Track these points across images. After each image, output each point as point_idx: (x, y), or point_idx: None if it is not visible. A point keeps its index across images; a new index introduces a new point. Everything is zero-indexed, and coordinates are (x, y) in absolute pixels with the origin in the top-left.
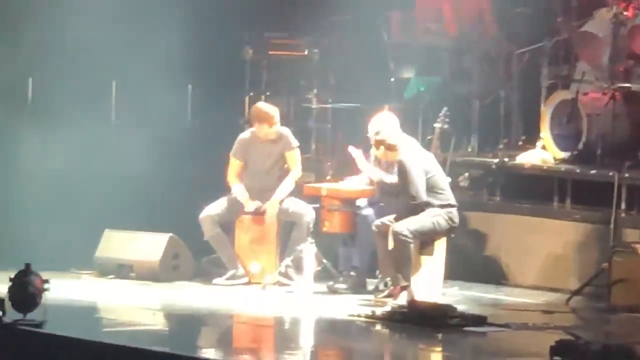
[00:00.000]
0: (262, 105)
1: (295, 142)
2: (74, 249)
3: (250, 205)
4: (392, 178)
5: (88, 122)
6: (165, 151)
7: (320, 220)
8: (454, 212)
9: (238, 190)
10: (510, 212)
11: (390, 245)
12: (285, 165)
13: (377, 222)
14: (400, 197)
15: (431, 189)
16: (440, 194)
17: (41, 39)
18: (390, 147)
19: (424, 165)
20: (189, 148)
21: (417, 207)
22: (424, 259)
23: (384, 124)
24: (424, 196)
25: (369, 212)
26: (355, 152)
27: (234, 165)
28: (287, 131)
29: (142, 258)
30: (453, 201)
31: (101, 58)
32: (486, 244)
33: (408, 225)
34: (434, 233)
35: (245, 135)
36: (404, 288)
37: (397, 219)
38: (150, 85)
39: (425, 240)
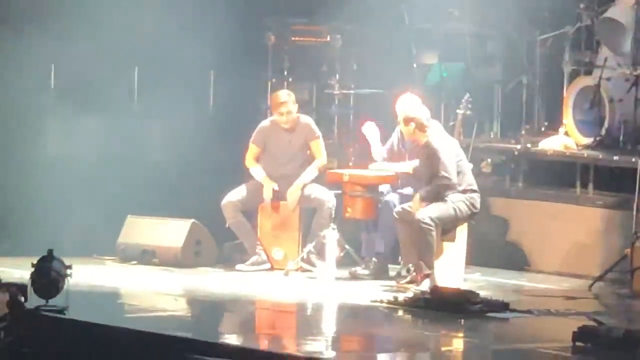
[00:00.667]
0: (279, 92)
1: (318, 132)
2: (97, 235)
3: (268, 190)
4: (407, 166)
5: (110, 108)
6: (188, 137)
7: (342, 206)
8: (476, 197)
9: (256, 171)
10: (533, 198)
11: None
12: (308, 153)
13: (399, 208)
14: (427, 180)
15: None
16: (464, 178)
17: (65, 26)
18: (421, 127)
19: (450, 148)
20: (211, 134)
21: (445, 189)
22: (446, 245)
23: (415, 103)
24: (454, 177)
25: (391, 198)
26: (370, 129)
27: (253, 150)
28: (309, 120)
29: (164, 244)
30: (475, 187)
31: (124, 44)
32: (508, 230)
33: (430, 213)
34: (455, 219)
35: (265, 123)
36: (426, 275)
37: (421, 202)
38: (172, 71)
39: (447, 226)
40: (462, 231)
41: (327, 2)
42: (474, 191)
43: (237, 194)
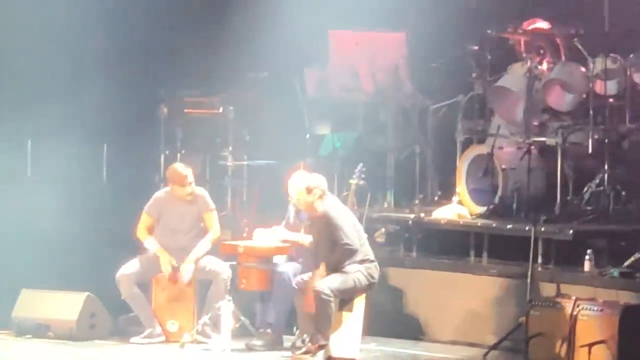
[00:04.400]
0: (176, 166)
1: (212, 205)
2: None
3: (166, 264)
4: (305, 239)
5: (3, 179)
6: (82, 209)
7: (237, 278)
8: (373, 267)
9: (150, 243)
10: (427, 268)
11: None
12: (202, 225)
13: (298, 278)
14: (325, 251)
15: None
16: (360, 249)
17: None
18: (322, 196)
19: (348, 217)
20: (105, 205)
21: (345, 257)
22: (343, 315)
23: (316, 175)
24: (356, 243)
25: (285, 269)
26: (261, 235)
27: (145, 220)
28: (203, 192)
29: (59, 317)
30: (372, 256)
31: (17, 115)
32: (404, 299)
33: (329, 284)
34: (354, 290)
35: (160, 194)
36: (322, 346)
37: (318, 273)
38: (65, 142)
39: (346, 297)
40: (359, 301)
41: (219, 74)
42: (372, 261)
43: (132, 266)
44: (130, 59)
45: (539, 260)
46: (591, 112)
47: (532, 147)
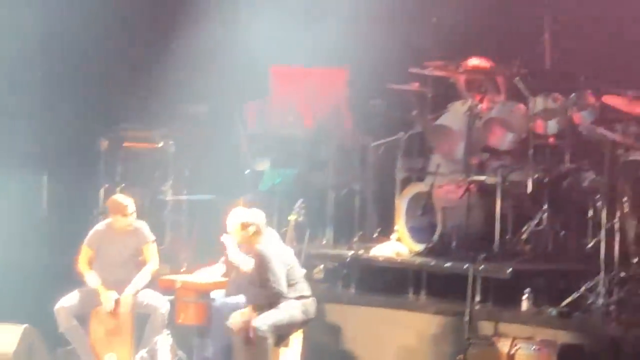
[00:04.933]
0: (117, 197)
1: (151, 236)
2: None
3: (107, 300)
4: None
5: None
6: (20, 241)
7: (175, 312)
8: (310, 303)
9: (90, 278)
10: (365, 304)
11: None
12: (141, 258)
13: (235, 314)
14: (258, 288)
15: (288, 281)
16: (296, 285)
17: None
18: (257, 233)
19: (282, 256)
20: (44, 238)
21: (275, 298)
22: (281, 351)
23: (254, 210)
24: (284, 287)
25: (222, 304)
26: (228, 240)
27: (85, 253)
28: (143, 225)
29: None
30: (308, 293)
31: None
32: (341, 335)
33: (266, 320)
34: (291, 326)
35: (100, 226)
36: None
37: (254, 309)
38: (5, 174)
39: (282, 333)
40: (296, 337)
41: (160, 108)
42: (308, 297)
43: (71, 299)
44: (71, 91)
45: (477, 298)
46: (531, 151)
47: (472, 185)
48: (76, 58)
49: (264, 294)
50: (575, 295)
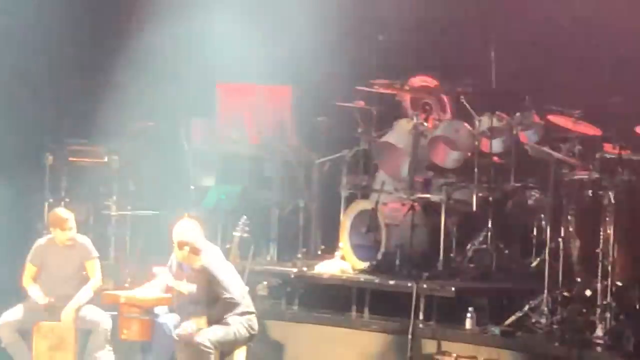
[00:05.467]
0: (58, 211)
1: (94, 252)
2: None
3: (39, 298)
4: (185, 287)
5: None
6: None
7: (118, 328)
8: (254, 319)
9: (33, 290)
10: (309, 322)
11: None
12: (84, 273)
13: (179, 330)
14: (206, 307)
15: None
16: (239, 302)
17: None
18: (195, 251)
19: (227, 270)
20: None
21: (228, 310)
22: None
23: (190, 227)
24: (237, 295)
25: (166, 319)
26: (161, 273)
27: (29, 270)
28: (86, 240)
29: None
30: (252, 308)
31: None
32: (284, 353)
33: (209, 336)
34: (234, 342)
35: (41, 241)
36: None
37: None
38: None
39: (226, 349)
40: (240, 353)
41: (105, 123)
42: (252, 313)
43: (14, 313)
44: (16, 104)
45: (421, 316)
46: (476, 170)
47: (416, 203)
48: (22, 70)
49: (215, 307)
50: (518, 314)
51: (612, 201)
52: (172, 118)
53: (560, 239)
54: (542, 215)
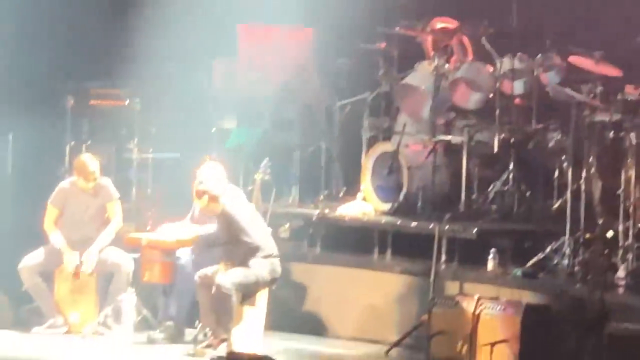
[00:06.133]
0: (84, 159)
1: (116, 194)
2: None
3: (70, 261)
4: (211, 228)
5: None
6: None
7: (140, 270)
8: (276, 262)
9: (55, 238)
10: (331, 264)
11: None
12: (106, 216)
13: (201, 272)
14: (229, 245)
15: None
16: (261, 245)
17: None
18: (213, 199)
19: (248, 213)
20: (8, 196)
21: (250, 254)
22: (246, 309)
23: (209, 174)
24: (257, 240)
25: (187, 262)
26: (165, 230)
27: (51, 213)
28: (107, 182)
29: None
30: (275, 251)
31: None
32: (306, 295)
33: (231, 278)
34: (256, 285)
35: (65, 184)
36: (223, 339)
37: (226, 267)
38: None
39: (248, 291)
40: (262, 296)
41: (126, 66)
42: (275, 256)
43: (35, 257)
44: (38, 48)
45: (443, 258)
46: (497, 111)
47: (438, 145)
48: (43, 14)
49: (237, 251)
50: (540, 255)
51: (634, 142)
52: (193, 60)
53: (581, 181)
54: (564, 157)
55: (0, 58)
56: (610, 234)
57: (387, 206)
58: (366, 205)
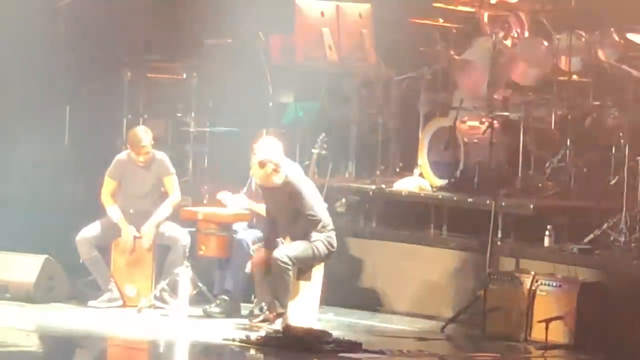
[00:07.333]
0: (136, 131)
1: (172, 168)
2: None
3: (128, 235)
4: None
5: None
6: (43, 172)
7: (196, 244)
8: (333, 236)
9: (113, 211)
10: (387, 239)
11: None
12: (163, 190)
13: (257, 246)
14: (289, 220)
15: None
16: (321, 218)
17: None
18: (277, 168)
19: (310, 186)
20: (66, 169)
21: (310, 228)
22: (301, 284)
23: (271, 145)
24: (320, 213)
25: (243, 236)
26: (225, 198)
27: (109, 184)
28: (164, 156)
29: (17, 279)
30: (332, 225)
31: None
32: (362, 270)
33: (288, 252)
34: (313, 259)
35: (122, 156)
36: (279, 314)
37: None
38: (28, 105)
39: (305, 266)
40: (318, 271)
41: (184, 40)
42: (331, 230)
43: (92, 230)
44: (95, 22)
45: (499, 234)
46: (555, 88)
47: (495, 121)
48: None
49: (296, 224)
50: (597, 232)
51: None
52: (251, 34)
53: (638, 158)
54: (621, 134)
55: (59, 31)
56: None
57: (443, 182)
58: (422, 181)
